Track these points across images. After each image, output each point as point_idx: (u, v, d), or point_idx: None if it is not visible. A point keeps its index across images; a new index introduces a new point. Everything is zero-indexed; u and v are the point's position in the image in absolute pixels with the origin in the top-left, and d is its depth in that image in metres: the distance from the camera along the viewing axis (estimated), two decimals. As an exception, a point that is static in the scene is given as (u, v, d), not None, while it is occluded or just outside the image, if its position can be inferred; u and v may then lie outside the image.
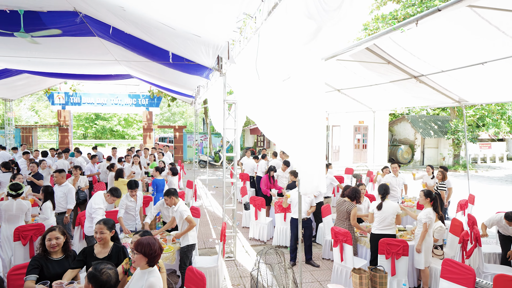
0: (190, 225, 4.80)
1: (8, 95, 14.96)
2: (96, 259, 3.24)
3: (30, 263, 3.07)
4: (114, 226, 3.40)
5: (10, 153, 12.46)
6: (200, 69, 6.83)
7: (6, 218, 5.07)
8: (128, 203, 5.58)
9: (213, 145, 21.89)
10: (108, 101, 19.40)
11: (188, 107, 39.14)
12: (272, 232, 7.38)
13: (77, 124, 32.47)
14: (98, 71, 11.30)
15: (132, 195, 5.61)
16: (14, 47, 7.32)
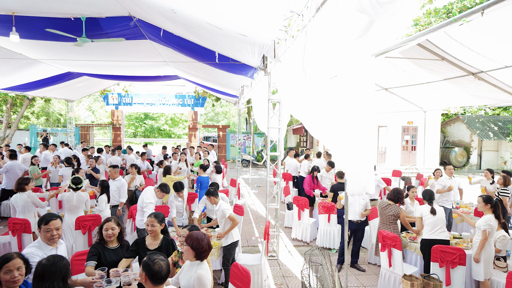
0: (233, 223, 4.86)
1: (70, 96, 16.27)
2: (147, 250, 3.40)
3: (90, 250, 3.30)
4: (164, 219, 3.55)
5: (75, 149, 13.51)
6: (245, 68, 6.91)
7: (68, 209, 5.51)
8: (177, 203, 5.82)
9: (256, 145, 22.06)
10: (157, 101, 20.34)
11: (232, 107, 39.82)
12: (315, 233, 7.27)
13: (128, 123, 34.45)
14: (148, 73, 11.88)
15: (179, 196, 5.85)
16: (76, 51, 7.93)
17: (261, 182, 14.81)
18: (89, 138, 21.67)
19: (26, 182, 5.43)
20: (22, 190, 5.37)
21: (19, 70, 9.86)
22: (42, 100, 19.70)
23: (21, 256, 2.47)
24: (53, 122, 27.10)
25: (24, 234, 5.07)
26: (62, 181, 8.32)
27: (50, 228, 2.99)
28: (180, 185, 5.80)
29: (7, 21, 5.78)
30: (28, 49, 8.04)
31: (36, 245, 2.95)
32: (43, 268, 2.14)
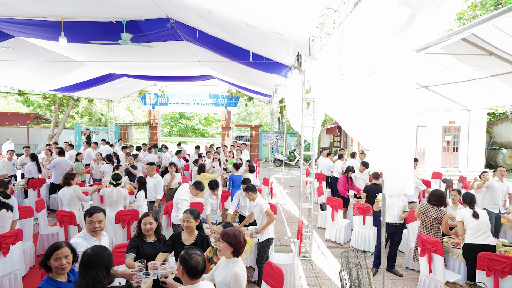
0: (270, 218, 4.87)
1: (110, 96, 17.10)
2: (183, 245, 3.49)
3: (129, 243, 3.44)
4: (199, 216, 3.62)
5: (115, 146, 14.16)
6: (278, 67, 6.89)
7: (109, 203, 5.79)
8: (211, 200, 5.92)
9: (288, 144, 21.95)
10: (191, 101, 20.82)
11: (264, 107, 39.88)
12: (349, 235, 7.10)
13: (164, 122, 35.59)
14: (183, 73, 12.20)
15: (214, 194, 5.94)
16: (116, 53, 8.33)
17: (293, 182, 14.71)
18: (127, 136, 22.63)
19: (72, 177, 5.77)
20: (68, 185, 5.71)
21: (66, 72, 10.50)
22: (85, 101, 20.85)
23: (69, 245, 2.63)
24: (95, 121, 28.61)
25: (70, 226, 5.39)
26: (104, 177, 8.76)
27: (93, 220, 3.16)
28: (215, 183, 5.89)
29: (57, 26, 6.17)
30: (74, 52, 8.54)
31: (82, 236, 3.13)
32: (89, 257, 2.26)
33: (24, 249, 5.20)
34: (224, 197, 7.41)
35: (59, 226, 5.46)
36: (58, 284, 2.52)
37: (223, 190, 7.66)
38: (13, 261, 4.44)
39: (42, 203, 6.16)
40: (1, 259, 4.26)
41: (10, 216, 4.62)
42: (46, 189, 8.52)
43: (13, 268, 4.46)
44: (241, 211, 6.28)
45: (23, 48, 7.84)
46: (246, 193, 5.03)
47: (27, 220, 5.53)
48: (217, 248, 3.39)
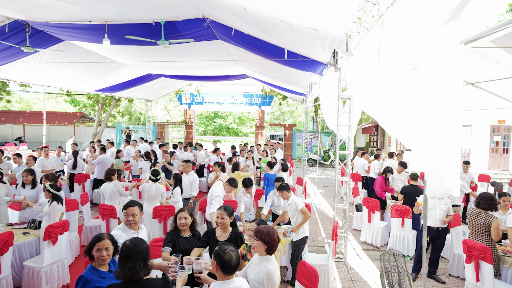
0: (305, 216, 4.81)
1: (149, 96, 17.75)
2: (217, 241, 3.52)
3: (166, 237, 3.53)
4: (233, 213, 3.64)
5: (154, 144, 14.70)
6: (314, 65, 6.77)
7: (147, 198, 6.00)
8: (245, 198, 5.94)
9: (323, 144, 21.58)
10: (226, 100, 21.09)
11: (298, 106, 39.53)
12: (386, 238, 6.84)
13: (199, 122, 36.39)
14: (218, 72, 12.38)
15: (248, 192, 5.95)
16: (155, 54, 8.62)
17: (327, 182, 14.44)
18: (164, 135, 23.37)
19: (113, 173, 6.04)
20: (110, 180, 5.99)
21: (109, 73, 11.03)
22: (126, 101, 21.81)
23: (111, 237, 2.75)
24: (134, 120, 29.87)
25: (111, 219, 5.65)
26: (142, 174, 9.10)
27: (127, 213, 3.27)
28: (249, 181, 5.91)
29: (101, 29, 6.49)
30: (116, 54, 8.94)
31: (121, 228, 3.26)
32: (127, 249, 2.34)
33: (70, 240, 5.53)
34: (257, 195, 7.42)
35: (101, 219, 5.74)
36: (100, 273, 2.63)
37: (256, 188, 7.67)
38: (60, 250, 4.73)
39: (86, 197, 6.51)
40: (50, 248, 4.55)
41: (60, 208, 4.92)
42: (90, 184, 9.01)
43: (60, 257, 4.75)
44: (274, 210, 6.26)
45: (71, 50, 8.34)
46: (279, 192, 4.99)
47: (73, 212, 5.86)
48: (251, 245, 3.39)
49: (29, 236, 4.91)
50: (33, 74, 9.80)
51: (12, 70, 8.92)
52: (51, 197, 4.84)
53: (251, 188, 5.96)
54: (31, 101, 34.04)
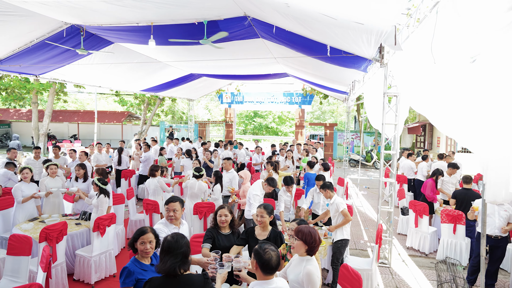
0: (346, 219, 4.65)
1: (191, 95, 18.25)
2: (256, 240, 3.48)
3: (206, 233, 3.56)
4: (273, 211, 3.58)
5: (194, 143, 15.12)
6: (357, 61, 6.51)
7: (189, 195, 6.13)
8: (285, 197, 5.86)
9: (365, 144, 20.84)
10: (265, 100, 21.10)
11: (339, 105, 38.58)
12: (435, 245, 6.41)
13: (239, 121, 36.80)
14: (258, 71, 12.39)
15: (288, 191, 5.86)
16: (197, 54, 8.81)
17: (370, 183, 13.90)
18: (205, 134, 23.93)
19: (157, 169, 6.25)
20: (153, 176, 6.20)
21: (153, 73, 11.48)
22: (169, 100, 22.62)
23: (154, 231, 2.81)
24: (177, 119, 30.92)
25: (154, 214, 5.84)
26: (183, 171, 9.36)
27: (169, 208, 3.32)
28: (290, 179, 5.81)
29: (147, 31, 6.74)
30: (161, 54, 9.26)
31: (163, 222, 3.33)
32: (168, 244, 2.37)
33: (116, 232, 5.80)
34: (297, 194, 7.31)
35: (145, 214, 5.96)
36: (142, 266, 2.70)
37: (296, 188, 7.56)
38: (108, 241, 4.98)
39: (132, 192, 6.81)
40: (99, 239, 4.80)
41: (107, 201, 5.18)
42: (135, 179, 9.43)
43: (108, 248, 4.99)
44: (314, 208, 6.12)
45: (120, 52, 8.77)
46: (322, 191, 4.86)
47: (119, 206, 6.15)
48: (291, 245, 3.31)
49: (80, 226, 5.22)
50: (86, 76, 10.46)
51: (68, 72, 9.58)
52: (99, 190, 5.10)
53: (292, 187, 5.86)
54: (84, 101, 36.54)
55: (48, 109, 19.26)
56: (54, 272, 4.49)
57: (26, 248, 3.93)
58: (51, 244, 4.35)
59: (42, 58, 8.09)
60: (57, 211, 5.89)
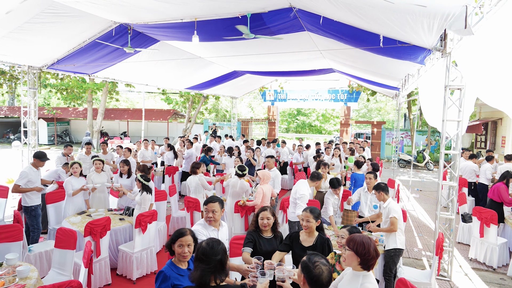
0: (391, 228, 4.22)
1: (234, 93, 18.26)
2: (301, 246, 3.19)
3: (247, 236, 3.33)
4: (320, 215, 3.25)
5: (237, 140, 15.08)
6: (414, 52, 5.91)
7: (231, 194, 5.97)
8: (333, 200, 5.48)
9: (416, 144, 19.49)
10: (309, 97, 20.57)
11: (387, 103, 36.74)
12: (506, 258, 5.65)
13: (282, 119, 36.45)
14: (303, 67, 11.97)
15: (335, 193, 5.47)
16: (240, 49, 8.66)
17: (422, 185, 12.90)
18: (248, 131, 23.93)
19: (198, 166, 6.16)
20: (195, 173, 6.13)
21: (198, 71, 11.56)
22: (213, 98, 22.90)
23: (193, 234, 2.63)
24: (220, 117, 31.33)
25: (195, 212, 5.76)
26: (225, 168, 9.28)
27: (208, 209, 3.11)
28: (337, 181, 5.42)
29: (191, 27, 6.69)
30: (205, 51, 9.25)
31: (202, 223, 3.14)
32: (203, 251, 2.16)
33: (158, 228, 5.80)
34: (344, 196, 6.85)
35: (186, 211, 5.90)
36: (179, 270, 2.53)
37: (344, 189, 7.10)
38: (149, 238, 4.96)
39: (174, 188, 6.81)
40: (140, 235, 4.79)
41: (149, 198, 5.17)
42: (179, 176, 9.53)
43: (149, 245, 4.98)
44: (361, 211, 5.67)
45: (165, 50, 8.89)
46: (376, 192, 4.43)
47: (162, 202, 6.16)
48: (340, 254, 2.97)
49: (124, 222, 5.27)
50: (134, 74, 10.79)
51: (118, 71, 9.93)
52: (141, 187, 5.09)
53: (339, 189, 5.45)
54: (135, 100, 38.42)
55: (101, 107, 20.42)
56: (98, 266, 4.54)
57: (71, 242, 3.99)
58: (95, 238, 4.40)
59: (93, 57, 8.42)
60: (103, 205, 6.03)
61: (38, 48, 7.44)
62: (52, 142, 23.63)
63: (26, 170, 5.26)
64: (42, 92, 32.24)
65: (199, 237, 2.85)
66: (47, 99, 34.05)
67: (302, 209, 5.13)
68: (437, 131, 20.01)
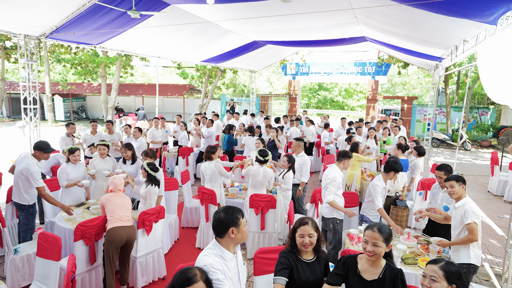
0: (471, 237, 3.20)
1: (253, 66, 17.01)
2: (361, 280, 2.21)
3: (279, 260, 2.38)
4: (392, 236, 2.23)
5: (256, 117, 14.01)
6: (486, 6, 4.60)
7: (252, 184, 5.02)
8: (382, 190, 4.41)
9: (452, 121, 17.89)
10: (334, 70, 19.11)
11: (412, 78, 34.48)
12: None
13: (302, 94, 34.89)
14: (332, 35, 10.61)
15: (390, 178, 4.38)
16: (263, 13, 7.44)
17: (462, 168, 11.58)
18: (267, 107, 22.77)
19: (213, 151, 5.21)
20: (210, 159, 5.18)
21: (214, 41, 10.41)
22: (231, 72, 21.70)
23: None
24: (238, 92, 30.15)
25: (210, 205, 4.87)
26: (244, 149, 8.30)
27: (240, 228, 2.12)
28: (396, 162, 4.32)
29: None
30: (221, 16, 8.09)
31: (214, 252, 2.06)
32: None
33: (169, 223, 4.97)
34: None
35: (200, 203, 5.01)
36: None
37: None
38: (156, 240, 4.11)
39: (187, 174, 5.93)
40: (144, 237, 3.95)
41: (156, 192, 4.29)
42: (194, 157, 8.65)
43: (156, 247, 4.14)
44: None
45: (177, 16, 7.79)
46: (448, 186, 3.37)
47: (173, 192, 5.29)
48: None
49: (126, 218, 4.42)
50: (144, 45, 9.78)
51: (125, 41, 8.94)
52: (147, 177, 4.20)
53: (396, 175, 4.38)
54: (151, 75, 37.60)
55: (115, 82, 19.64)
56: (94, 274, 3.76)
57: (55, 251, 3.15)
58: (88, 242, 3.57)
59: (96, 24, 7.43)
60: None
61: (33, 13, 6.49)
62: (68, 119, 23.26)
63: (36, 168, 4.19)
64: (59, 68, 31.85)
65: (216, 277, 1.88)
66: (64, 75, 33.66)
67: (332, 194, 4.17)
68: (476, 107, 18.26)
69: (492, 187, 8.52)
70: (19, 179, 4.23)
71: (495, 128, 17.13)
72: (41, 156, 4.33)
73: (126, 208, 3.78)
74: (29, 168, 4.13)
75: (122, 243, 3.61)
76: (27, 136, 7.61)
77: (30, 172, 4.12)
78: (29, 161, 4.20)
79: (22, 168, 4.17)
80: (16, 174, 4.25)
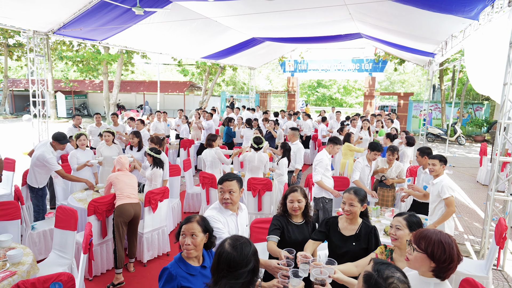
0: (449, 210, 3.57)
1: (252, 63, 17.35)
2: (340, 236, 2.58)
3: (273, 222, 2.74)
4: (366, 198, 2.60)
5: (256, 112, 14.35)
6: (467, 2, 4.95)
7: (249, 169, 5.38)
8: (363, 166, 4.86)
9: (447, 117, 18.25)
10: (332, 67, 19.42)
11: (414, 73, 34.85)
12: None
13: (301, 91, 35.21)
14: (328, 31, 10.95)
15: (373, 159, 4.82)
16: (261, 10, 7.78)
17: (455, 161, 11.96)
18: (266, 104, 23.11)
19: (214, 139, 5.57)
20: (211, 146, 5.55)
21: (214, 37, 10.74)
22: (231, 69, 22.03)
23: (203, 221, 2.04)
24: (238, 89, 30.49)
25: (211, 189, 5.23)
26: (243, 140, 8.68)
27: (223, 189, 2.47)
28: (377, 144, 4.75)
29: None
30: (221, 13, 8.42)
31: (216, 207, 2.52)
32: (229, 259, 1.58)
33: (172, 206, 5.33)
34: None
35: (201, 188, 5.38)
36: (189, 268, 1.96)
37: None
38: (160, 218, 4.48)
39: (189, 163, 6.28)
40: (150, 215, 4.31)
41: (161, 173, 4.65)
42: (194, 149, 9.01)
43: (161, 224, 4.50)
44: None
45: (179, 13, 8.12)
46: (431, 164, 3.75)
47: (175, 178, 5.66)
48: (392, 249, 2.35)
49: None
50: (146, 41, 10.11)
51: (129, 37, 9.27)
52: (152, 161, 4.57)
53: (378, 154, 4.84)
54: (152, 72, 37.95)
55: (116, 79, 19.97)
56: (105, 248, 4.12)
57: (71, 222, 3.52)
58: (100, 218, 3.94)
59: (101, 21, 7.77)
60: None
61: (42, 10, 6.84)
62: (70, 115, 23.62)
63: (50, 155, 4.55)
64: (60, 66, 32.17)
65: (214, 225, 2.26)
66: (66, 72, 33.99)
67: (319, 175, 4.57)
68: (470, 102, 18.61)
69: (481, 177, 8.89)
70: (34, 165, 4.60)
71: (489, 123, 17.50)
72: (57, 146, 4.70)
73: (133, 187, 4.13)
74: (44, 155, 4.50)
75: (130, 218, 3.97)
76: (36, 128, 7.97)
77: (45, 159, 4.48)
78: (45, 148, 4.58)
79: (38, 154, 4.55)
80: (33, 159, 4.62)
